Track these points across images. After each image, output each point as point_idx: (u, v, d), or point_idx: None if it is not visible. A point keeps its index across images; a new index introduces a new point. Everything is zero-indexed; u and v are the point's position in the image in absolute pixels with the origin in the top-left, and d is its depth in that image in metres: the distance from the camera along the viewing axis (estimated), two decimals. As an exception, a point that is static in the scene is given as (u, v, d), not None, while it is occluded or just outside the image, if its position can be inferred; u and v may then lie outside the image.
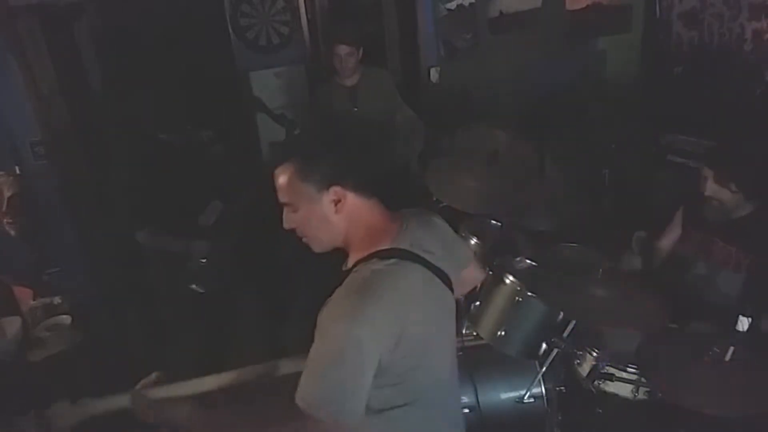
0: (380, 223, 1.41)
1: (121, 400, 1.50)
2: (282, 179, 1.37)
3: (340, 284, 1.34)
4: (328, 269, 1.46)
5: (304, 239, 1.43)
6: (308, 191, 1.35)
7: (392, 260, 1.33)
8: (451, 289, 1.48)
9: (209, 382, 1.56)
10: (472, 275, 1.75)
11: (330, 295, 1.33)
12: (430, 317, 1.39)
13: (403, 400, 1.37)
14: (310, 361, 1.26)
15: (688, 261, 2.28)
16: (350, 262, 1.40)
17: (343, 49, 3.27)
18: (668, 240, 2.42)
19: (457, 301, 1.60)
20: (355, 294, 1.28)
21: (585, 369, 2.03)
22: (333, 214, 1.37)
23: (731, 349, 1.72)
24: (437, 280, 1.42)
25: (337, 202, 1.36)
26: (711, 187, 2.09)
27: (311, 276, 1.54)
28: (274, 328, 3.41)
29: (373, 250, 1.36)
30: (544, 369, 2.11)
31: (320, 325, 1.28)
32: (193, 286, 2.75)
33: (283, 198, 1.39)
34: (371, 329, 1.24)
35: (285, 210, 1.40)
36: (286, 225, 1.41)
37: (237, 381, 1.58)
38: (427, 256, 1.39)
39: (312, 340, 1.28)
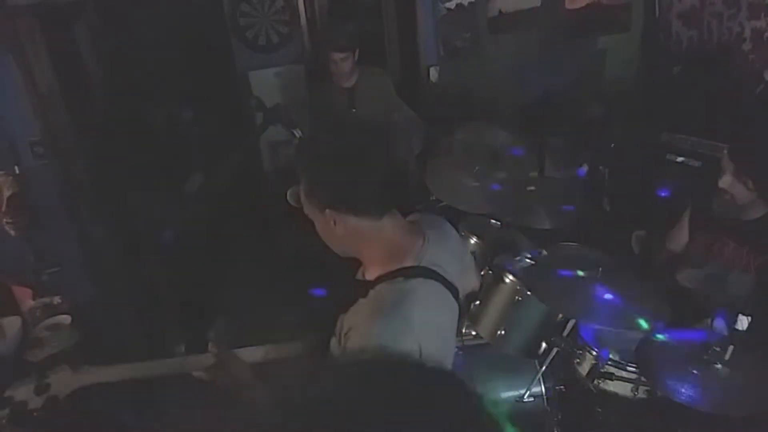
0: (399, 240, 1.41)
1: (119, 371, 1.52)
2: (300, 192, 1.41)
3: (360, 295, 1.34)
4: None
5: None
6: (314, 208, 1.38)
7: (418, 279, 1.34)
8: (458, 303, 1.48)
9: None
10: (469, 281, 1.73)
11: (342, 303, 1.34)
12: (446, 337, 1.40)
13: None
14: None
15: (696, 261, 2.27)
16: (370, 275, 1.40)
17: (337, 56, 3.29)
18: (676, 243, 2.39)
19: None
20: (386, 318, 1.27)
21: (585, 368, 2.03)
22: (335, 233, 1.38)
23: (731, 348, 1.72)
24: (451, 296, 1.42)
25: (335, 222, 1.36)
26: (727, 180, 2.03)
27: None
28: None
29: (396, 266, 1.36)
30: (543, 368, 2.11)
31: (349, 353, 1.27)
32: None
33: (305, 209, 1.42)
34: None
35: None
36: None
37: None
38: (445, 274, 1.39)
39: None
